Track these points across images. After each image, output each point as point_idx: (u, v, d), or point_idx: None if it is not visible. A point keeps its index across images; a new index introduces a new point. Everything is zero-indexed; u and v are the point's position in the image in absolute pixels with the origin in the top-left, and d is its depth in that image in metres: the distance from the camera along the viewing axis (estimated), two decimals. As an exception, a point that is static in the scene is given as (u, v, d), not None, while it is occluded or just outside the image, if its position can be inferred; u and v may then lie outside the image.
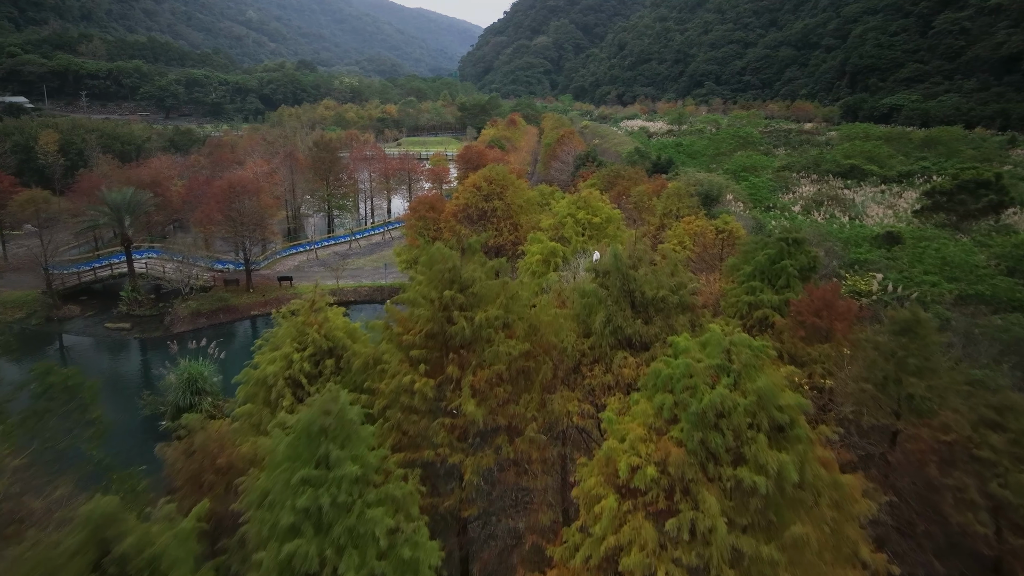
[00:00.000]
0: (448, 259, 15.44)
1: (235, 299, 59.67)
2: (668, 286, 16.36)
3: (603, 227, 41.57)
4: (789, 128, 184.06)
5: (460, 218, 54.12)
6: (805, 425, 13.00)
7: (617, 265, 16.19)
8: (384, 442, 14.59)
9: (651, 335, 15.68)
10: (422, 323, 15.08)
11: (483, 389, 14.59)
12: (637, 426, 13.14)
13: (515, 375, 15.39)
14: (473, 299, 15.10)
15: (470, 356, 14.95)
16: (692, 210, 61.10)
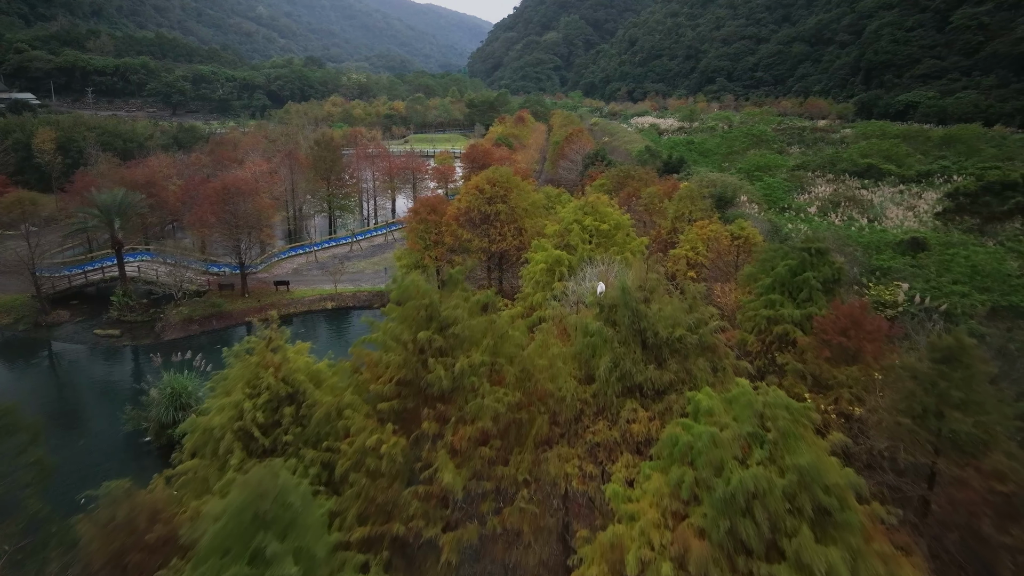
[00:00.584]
0: (425, 294, 13.03)
1: (229, 305, 57.52)
2: (685, 323, 13.90)
3: (611, 234, 39.06)
4: (803, 126, 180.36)
5: (462, 222, 51.72)
6: (857, 508, 10.52)
7: (625, 299, 13.73)
8: (347, 511, 12.23)
9: (665, 382, 13.26)
10: (393, 370, 12.72)
11: (465, 449, 12.23)
12: (649, 506, 10.66)
13: (504, 429, 13.01)
14: (454, 341, 12.72)
15: (450, 409, 12.59)
16: (705, 213, 58.46)
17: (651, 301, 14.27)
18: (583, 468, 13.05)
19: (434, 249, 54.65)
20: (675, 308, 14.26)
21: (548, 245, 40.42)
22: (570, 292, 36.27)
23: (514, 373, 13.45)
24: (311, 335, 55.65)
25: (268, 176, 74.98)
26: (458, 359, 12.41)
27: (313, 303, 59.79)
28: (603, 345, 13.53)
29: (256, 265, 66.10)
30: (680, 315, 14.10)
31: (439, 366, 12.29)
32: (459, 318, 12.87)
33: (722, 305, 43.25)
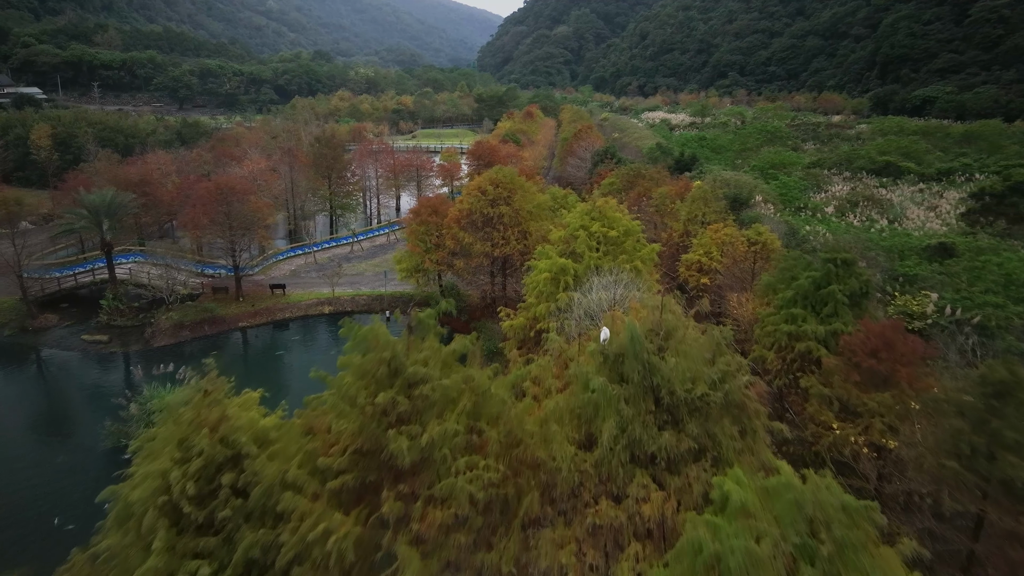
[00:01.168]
0: (387, 345, 10.60)
1: (222, 309, 55.36)
2: (708, 378, 11.44)
3: (620, 241, 36.52)
4: (817, 122, 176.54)
5: (463, 224, 49.29)
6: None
7: (635, 350, 11.26)
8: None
9: (683, 450, 10.82)
10: (347, 438, 10.33)
11: (435, 536, 9.86)
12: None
13: (486, 506, 10.62)
14: (422, 404, 10.31)
15: (417, 485, 10.19)
16: (719, 215, 55.77)
17: (666, 350, 11.82)
18: (582, 555, 10.58)
19: (435, 252, 52.34)
20: (695, 358, 11.79)
21: (552, 252, 37.95)
22: (575, 304, 33.79)
23: (497, 439, 11.02)
24: (306, 343, 53.47)
25: (267, 174, 72.73)
26: (427, 427, 10.02)
27: (310, 308, 57.57)
28: (607, 405, 11.12)
29: (252, 267, 63.94)
30: (701, 368, 11.64)
31: (402, 438, 9.89)
32: (429, 376, 10.47)
33: (738, 317, 40.66)
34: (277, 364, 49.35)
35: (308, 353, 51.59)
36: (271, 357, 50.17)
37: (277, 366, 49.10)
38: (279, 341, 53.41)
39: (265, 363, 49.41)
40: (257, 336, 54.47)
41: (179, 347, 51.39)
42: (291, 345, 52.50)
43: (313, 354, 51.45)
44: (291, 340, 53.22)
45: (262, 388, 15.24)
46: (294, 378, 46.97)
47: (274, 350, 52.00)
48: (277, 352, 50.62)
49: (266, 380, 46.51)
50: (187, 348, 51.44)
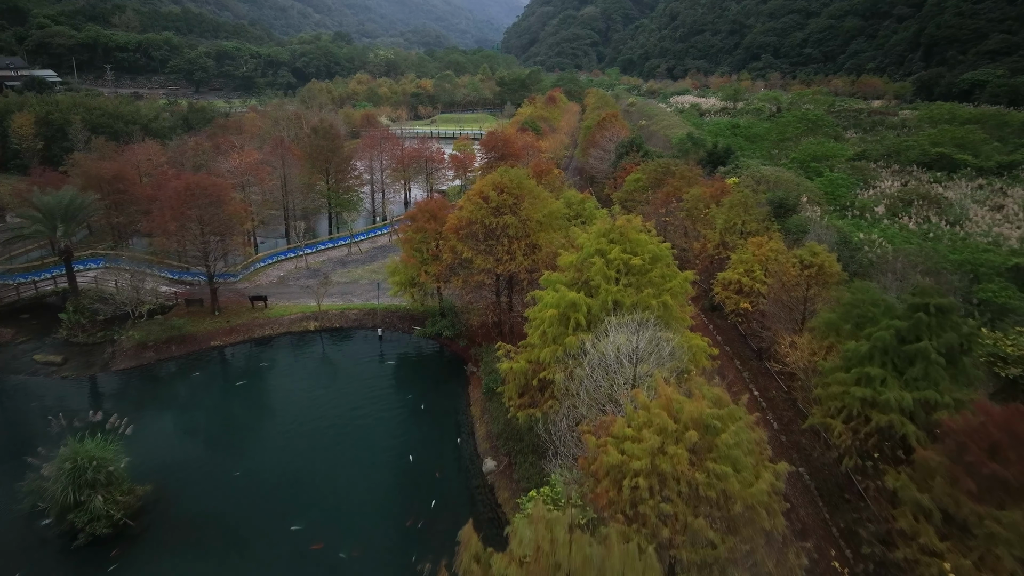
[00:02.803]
0: None
1: (194, 325, 49.14)
2: None
3: (646, 271, 29.19)
4: (859, 108, 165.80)
5: (462, 235, 42.21)
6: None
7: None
8: None
9: None
10: None
11: None
12: None
13: None
14: None
15: None
16: (761, 224, 48.08)
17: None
18: None
19: (432, 265, 45.41)
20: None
21: (561, 281, 30.78)
22: (588, 353, 26.70)
23: None
24: (279, 369, 46.85)
25: (258, 168, 66.15)
26: None
27: (293, 323, 51.09)
28: None
29: (234, 274, 57.62)
30: None
31: None
32: None
33: (790, 363, 33.19)
34: (240, 398, 42.83)
35: (279, 381, 45.05)
36: (231, 389, 43.54)
37: (240, 400, 42.58)
38: (250, 366, 46.87)
39: (228, 396, 42.89)
40: (232, 357, 48.08)
41: (141, 371, 45.23)
42: (259, 373, 45.88)
43: (286, 383, 44.90)
44: (259, 367, 46.61)
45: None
46: (255, 419, 40.49)
47: (244, 375, 45.51)
48: (238, 383, 43.95)
49: (221, 422, 40.16)
50: (150, 372, 45.26)
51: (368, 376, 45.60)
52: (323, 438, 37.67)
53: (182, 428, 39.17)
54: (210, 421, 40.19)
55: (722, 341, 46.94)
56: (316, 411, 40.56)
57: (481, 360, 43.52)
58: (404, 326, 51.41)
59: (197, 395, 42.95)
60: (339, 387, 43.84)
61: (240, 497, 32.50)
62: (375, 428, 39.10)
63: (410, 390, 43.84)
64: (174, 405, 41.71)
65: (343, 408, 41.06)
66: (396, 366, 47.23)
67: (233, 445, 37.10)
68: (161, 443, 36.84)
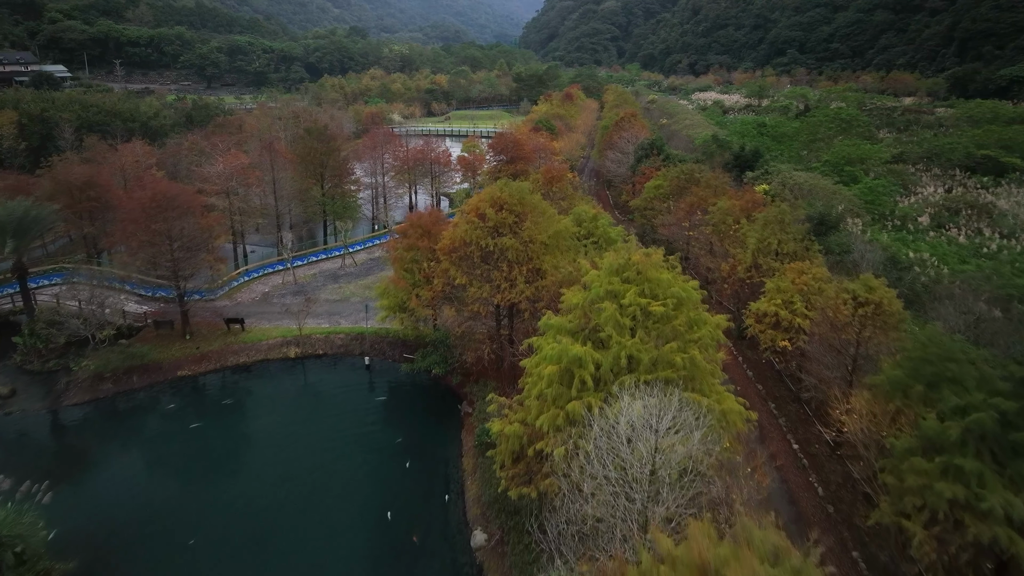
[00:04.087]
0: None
1: (159, 352, 44.11)
2: None
3: (669, 319, 23.47)
4: (892, 105, 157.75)
5: (455, 259, 36.67)
6: None
7: None
8: None
9: None
10: None
11: None
12: None
13: None
14: None
15: None
16: (800, 243, 42.02)
17: None
18: None
19: (424, 288, 39.90)
20: None
21: (564, 328, 25.16)
22: (595, 426, 21.14)
23: None
24: (255, 404, 41.66)
25: (246, 172, 60.99)
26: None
27: (272, 349, 45.91)
28: None
29: (214, 291, 52.58)
30: None
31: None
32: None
33: (844, 425, 27.32)
34: (201, 442, 37.59)
35: (249, 420, 39.86)
36: (192, 432, 38.21)
37: (202, 445, 37.34)
38: (218, 401, 41.67)
39: (188, 440, 37.61)
40: (200, 389, 42.96)
41: (97, 407, 40.28)
42: (225, 411, 40.64)
43: (256, 422, 39.70)
44: (225, 404, 41.35)
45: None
46: (217, 470, 35.25)
47: (208, 413, 40.31)
48: (192, 425, 38.61)
49: (178, 474, 34.46)
50: (106, 408, 40.28)
51: (351, 412, 40.38)
52: (295, 490, 32.55)
53: (131, 482, 33.95)
54: (165, 473, 35.00)
55: (753, 377, 41.12)
56: (288, 457, 35.41)
57: (476, 401, 38.06)
58: (395, 354, 46.00)
59: (154, 438, 37.85)
60: (317, 426, 38.64)
61: (191, 572, 27.39)
62: (355, 477, 34.00)
63: (398, 430, 38.51)
64: (126, 451, 36.61)
65: (320, 452, 35.94)
66: (384, 401, 41.86)
67: (188, 504, 31.89)
68: (103, 502, 31.77)
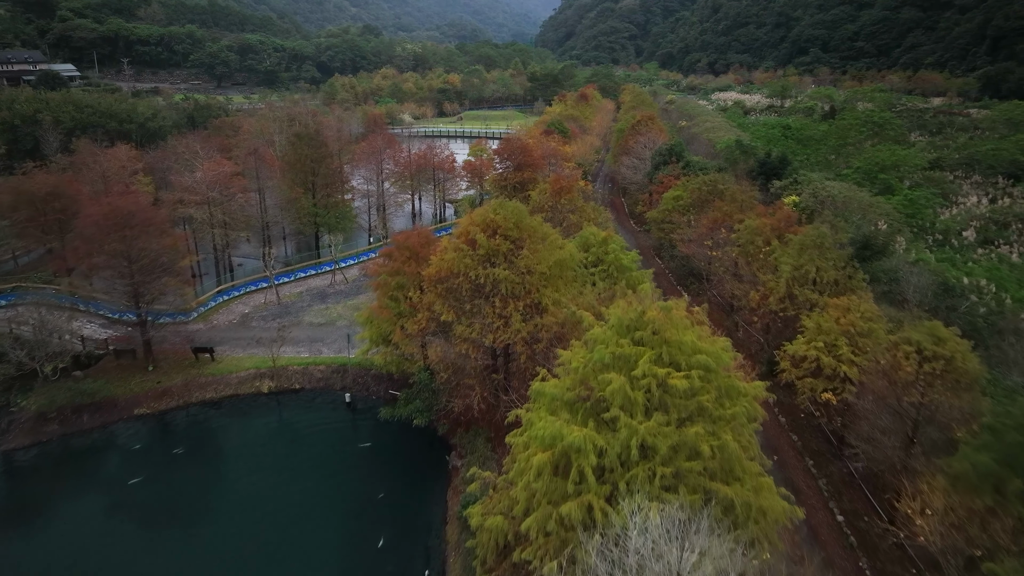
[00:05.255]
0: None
1: (115, 386, 39.46)
2: None
3: (694, 395, 18.17)
4: (923, 107, 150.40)
5: (441, 291, 31.55)
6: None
7: None
8: None
9: None
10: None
11: None
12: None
13: None
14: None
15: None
16: (842, 271, 36.49)
17: None
18: None
19: (410, 320, 34.70)
20: None
21: (559, 398, 19.95)
22: (597, 536, 16.01)
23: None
24: (217, 449, 36.82)
25: (231, 180, 56.33)
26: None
27: (243, 383, 41.09)
28: None
29: (187, 312, 47.88)
30: None
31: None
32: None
33: (914, 523, 21.89)
34: (152, 498, 32.76)
35: (207, 469, 34.97)
36: (132, 485, 33.26)
37: (152, 502, 32.54)
38: (175, 446, 36.78)
39: (136, 497, 32.74)
40: (158, 431, 38.19)
41: (39, 451, 35.71)
42: (179, 462, 35.73)
43: (216, 473, 34.86)
44: (173, 455, 36.38)
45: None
46: (165, 534, 30.35)
47: (163, 460, 35.47)
48: (132, 480, 33.61)
49: (118, 542, 28.67)
50: (49, 453, 35.66)
51: (327, 461, 35.58)
52: (251, 563, 27.63)
53: (68, 539, 29.19)
54: (106, 530, 30.17)
55: (787, 424, 35.68)
56: (252, 518, 30.80)
57: (466, 454, 32.95)
58: (379, 389, 40.98)
59: (100, 489, 33.15)
60: (288, 478, 33.81)
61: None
62: (324, 543, 29.25)
63: (377, 484, 33.57)
64: (60, 510, 31.82)
65: (286, 510, 31.26)
66: (365, 448, 36.82)
67: (129, 568, 27.18)
68: (38, 562, 27.17)
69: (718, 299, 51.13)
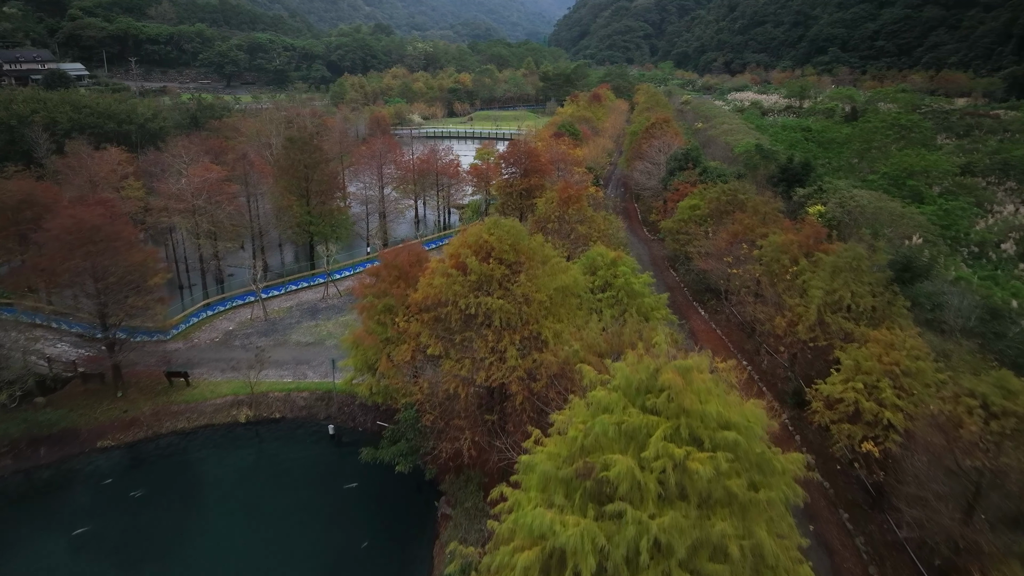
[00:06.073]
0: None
1: (79, 415, 36.25)
2: None
3: (721, 476, 14.45)
4: (949, 108, 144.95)
5: (428, 320, 27.98)
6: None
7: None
8: None
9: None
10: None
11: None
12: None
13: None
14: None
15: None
16: (881, 297, 32.58)
17: None
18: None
19: (397, 348, 31.09)
20: None
21: (553, 476, 16.24)
22: None
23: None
24: (183, 492, 33.36)
25: (220, 187, 53.09)
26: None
27: (219, 411, 37.75)
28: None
29: (165, 331, 44.61)
30: None
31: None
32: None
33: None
34: (90, 547, 29.36)
35: (167, 516, 31.51)
36: (69, 538, 29.77)
37: (87, 554, 29.15)
38: (125, 490, 33.17)
39: (87, 552, 29.32)
40: (125, 465, 34.87)
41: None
42: (133, 507, 32.25)
43: (176, 521, 31.44)
44: (132, 497, 32.86)
45: None
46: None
47: (119, 504, 32.03)
48: (76, 531, 30.07)
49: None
50: (2, 489, 32.39)
51: (306, 503, 32.18)
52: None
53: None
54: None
55: (819, 467, 31.67)
56: (214, 573, 27.18)
57: (456, 504, 29.33)
58: (367, 420, 37.48)
59: (42, 541, 29.69)
60: (260, 523, 30.48)
61: None
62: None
63: (360, 531, 30.25)
64: (12, 553, 28.50)
65: (259, 562, 28.02)
66: (349, 490, 33.25)
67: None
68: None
69: (737, 317, 47.32)
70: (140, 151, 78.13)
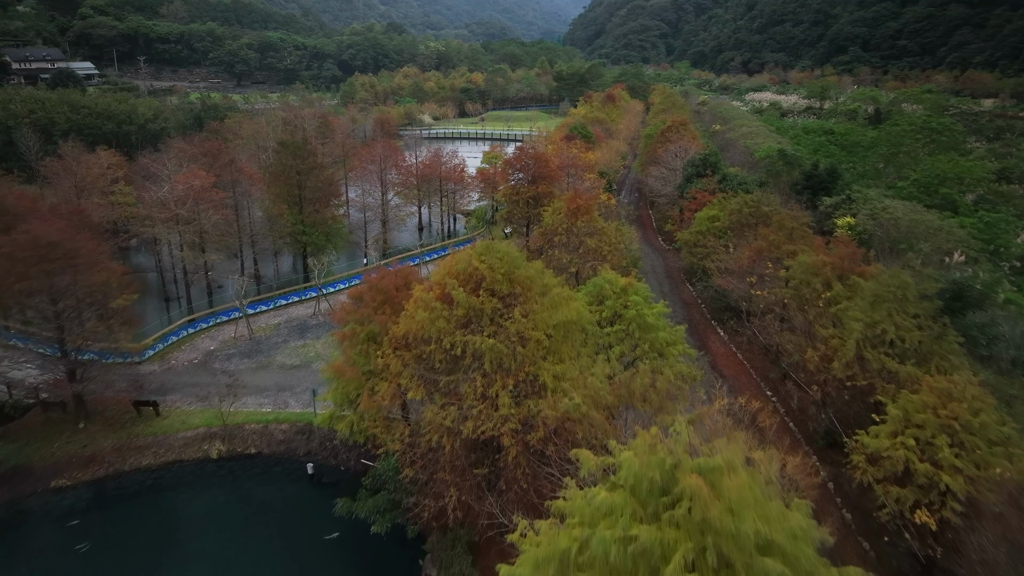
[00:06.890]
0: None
1: (35, 449, 33.02)
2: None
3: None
4: (978, 110, 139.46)
5: (408, 360, 24.36)
6: None
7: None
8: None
9: None
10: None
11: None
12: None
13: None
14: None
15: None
16: (928, 331, 28.59)
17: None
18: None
19: (380, 382, 27.42)
20: None
21: None
22: None
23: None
24: (137, 546, 29.93)
25: (201, 194, 49.74)
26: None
27: (188, 445, 34.38)
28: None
29: (140, 352, 41.34)
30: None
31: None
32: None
33: None
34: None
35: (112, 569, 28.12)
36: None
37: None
38: (72, 542, 29.79)
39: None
40: (78, 508, 31.51)
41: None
42: (85, 559, 29.00)
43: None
44: (78, 553, 29.46)
45: None
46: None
47: (70, 558, 28.65)
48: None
49: None
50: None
51: (278, 555, 28.60)
52: None
53: None
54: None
55: (855, 527, 27.76)
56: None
57: (441, 567, 25.67)
58: (350, 458, 33.96)
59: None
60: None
61: None
62: None
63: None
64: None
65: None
66: (325, 543, 29.66)
67: None
68: None
69: (760, 340, 43.32)
70: (139, 152, 75.27)
